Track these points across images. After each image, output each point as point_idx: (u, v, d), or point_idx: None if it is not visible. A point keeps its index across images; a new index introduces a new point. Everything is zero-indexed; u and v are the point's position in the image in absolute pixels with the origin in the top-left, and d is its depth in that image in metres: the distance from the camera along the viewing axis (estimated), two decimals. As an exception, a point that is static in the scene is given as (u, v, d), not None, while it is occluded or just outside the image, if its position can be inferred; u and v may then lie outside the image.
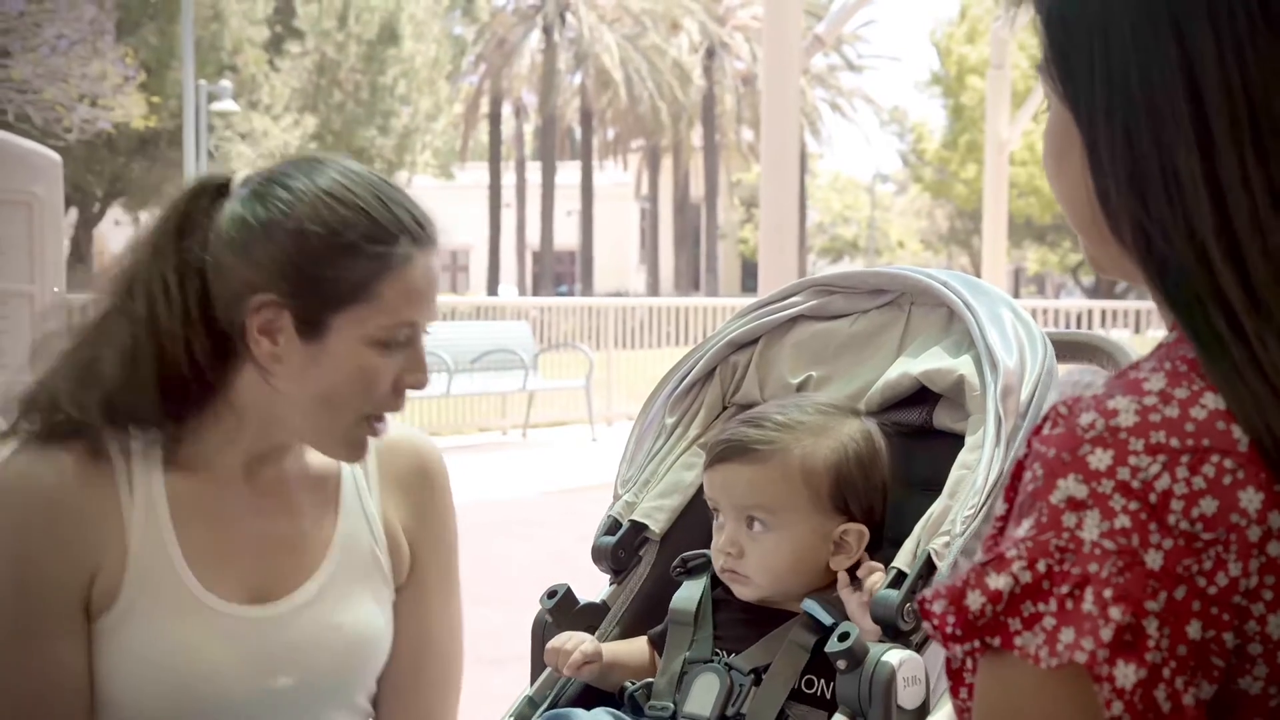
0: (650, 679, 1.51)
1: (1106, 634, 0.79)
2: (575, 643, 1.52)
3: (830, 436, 1.51)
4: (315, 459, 1.61)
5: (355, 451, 1.55)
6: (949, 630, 0.84)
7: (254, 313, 1.46)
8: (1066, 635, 0.80)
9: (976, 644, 0.83)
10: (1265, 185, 0.86)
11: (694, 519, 1.68)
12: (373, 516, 1.63)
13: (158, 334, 1.48)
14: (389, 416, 1.55)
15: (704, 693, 1.45)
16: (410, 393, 1.54)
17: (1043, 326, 1.57)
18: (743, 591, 1.51)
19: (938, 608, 0.85)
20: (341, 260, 1.46)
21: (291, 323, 1.46)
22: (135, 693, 1.49)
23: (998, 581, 0.82)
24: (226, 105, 23.14)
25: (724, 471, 1.52)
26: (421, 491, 1.68)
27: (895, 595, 1.40)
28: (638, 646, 1.58)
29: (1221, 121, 0.87)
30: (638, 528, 1.67)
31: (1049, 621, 0.81)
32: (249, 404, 1.51)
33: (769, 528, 1.49)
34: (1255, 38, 0.87)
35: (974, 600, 0.83)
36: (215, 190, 1.52)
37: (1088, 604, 0.80)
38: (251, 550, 1.55)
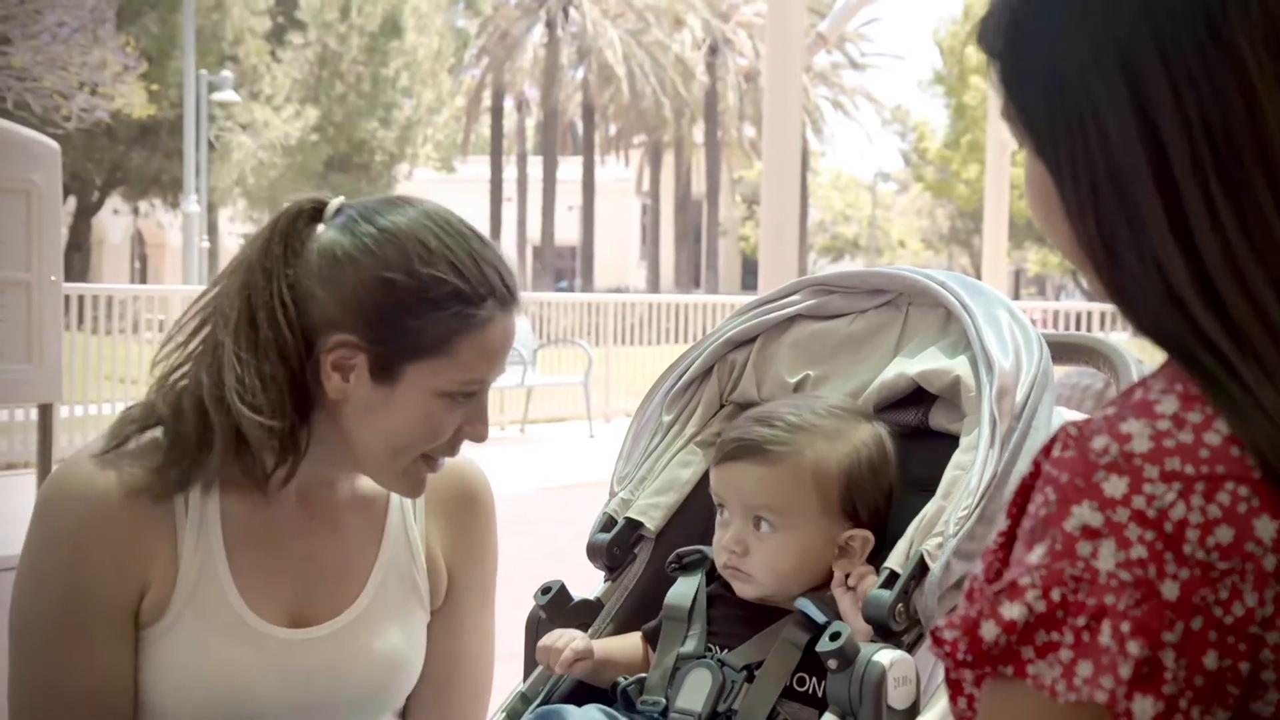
0: (643, 674, 1.51)
1: (1125, 671, 0.78)
2: (566, 640, 1.52)
3: (844, 441, 1.51)
4: (365, 484, 1.62)
5: (414, 488, 1.56)
6: (960, 656, 0.83)
7: (331, 349, 1.46)
8: (1084, 669, 0.79)
9: (985, 669, 0.83)
10: (1236, 221, 0.84)
11: (690, 517, 1.68)
12: (415, 542, 1.65)
13: (286, 357, 1.46)
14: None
15: (696, 689, 1.45)
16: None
17: (1042, 328, 1.57)
18: (744, 589, 1.51)
19: (949, 635, 0.84)
20: (426, 314, 1.45)
21: (366, 364, 1.47)
22: (175, 702, 1.51)
23: (1012, 611, 0.81)
24: (227, 95, 23.11)
25: (734, 470, 1.51)
26: (465, 516, 1.70)
27: (887, 595, 1.40)
28: (630, 642, 1.58)
29: (1182, 162, 0.85)
30: (633, 525, 1.67)
31: (1065, 654, 0.80)
32: (323, 434, 1.51)
33: (776, 529, 1.49)
34: (1207, 68, 0.85)
35: (989, 631, 0.82)
36: (310, 214, 1.51)
37: (1105, 637, 0.79)
38: (297, 573, 1.57)
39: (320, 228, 1.50)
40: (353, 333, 1.46)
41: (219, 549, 1.52)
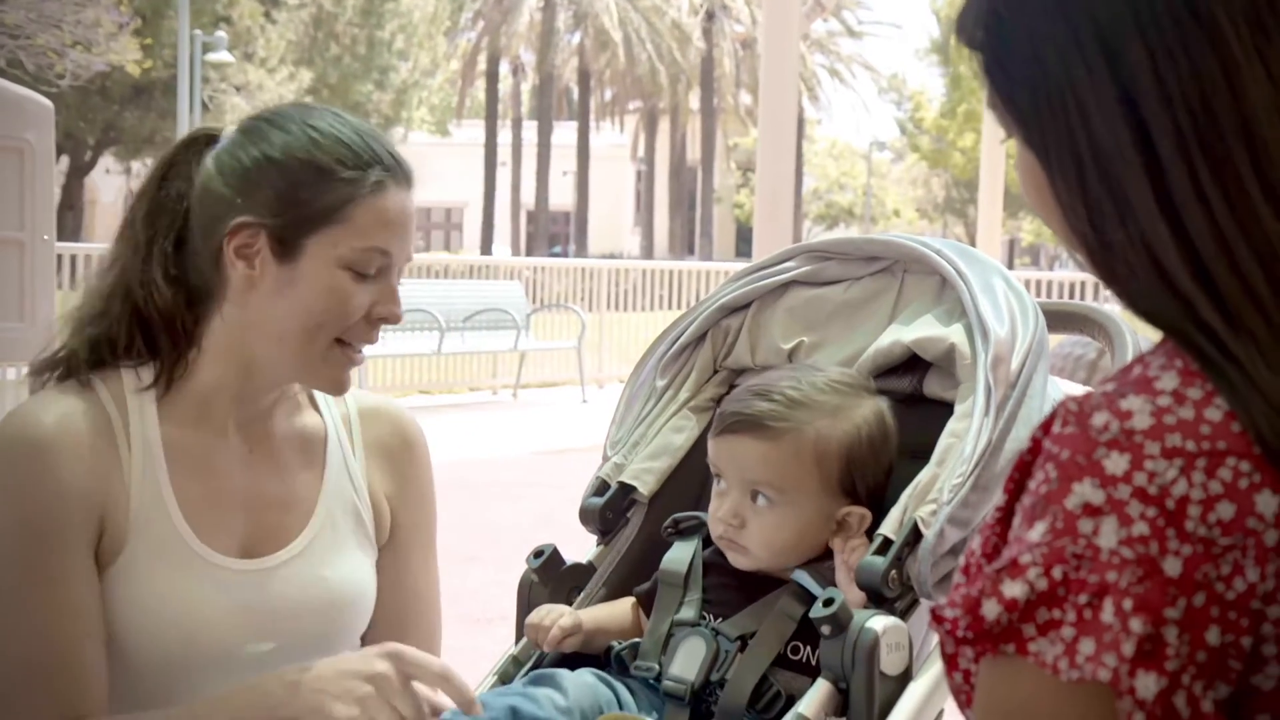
0: (637, 639, 1.51)
1: (1129, 648, 0.78)
2: (554, 617, 1.51)
3: (845, 418, 1.50)
4: (303, 420, 1.66)
5: (336, 378, 1.58)
6: (960, 634, 0.83)
7: (231, 235, 1.52)
8: (1086, 647, 0.79)
9: (986, 647, 0.82)
10: (1222, 199, 0.84)
11: (683, 482, 1.68)
12: (356, 476, 1.67)
13: (125, 273, 1.55)
14: (365, 356, 1.61)
15: (690, 657, 1.45)
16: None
17: (1036, 297, 1.57)
18: (739, 560, 1.50)
19: (950, 614, 0.84)
20: (318, 183, 1.52)
21: (268, 244, 1.52)
22: (137, 638, 1.51)
23: (1013, 589, 0.81)
24: (221, 56, 22.96)
25: (734, 443, 1.50)
26: (403, 458, 1.73)
27: (881, 562, 1.40)
28: (621, 609, 1.58)
29: (1166, 141, 0.85)
30: (626, 489, 1.67)
31: (1067, 632, 0.79)
32: (224, 346, 1.56)
33: (774, 504, 1.48)
34: (1187, 44, 0.85)
35: (990, 609, 0.81)
36: (206, 139, 1.59)
37: (1107, 615, 0.78)
38: (242, 505, 1.58)
39: (217, 146, 1.58)
40: (250, 214, 1.52)
41: (165, 480, 1.54)
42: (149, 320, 1.55)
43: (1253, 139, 0.84)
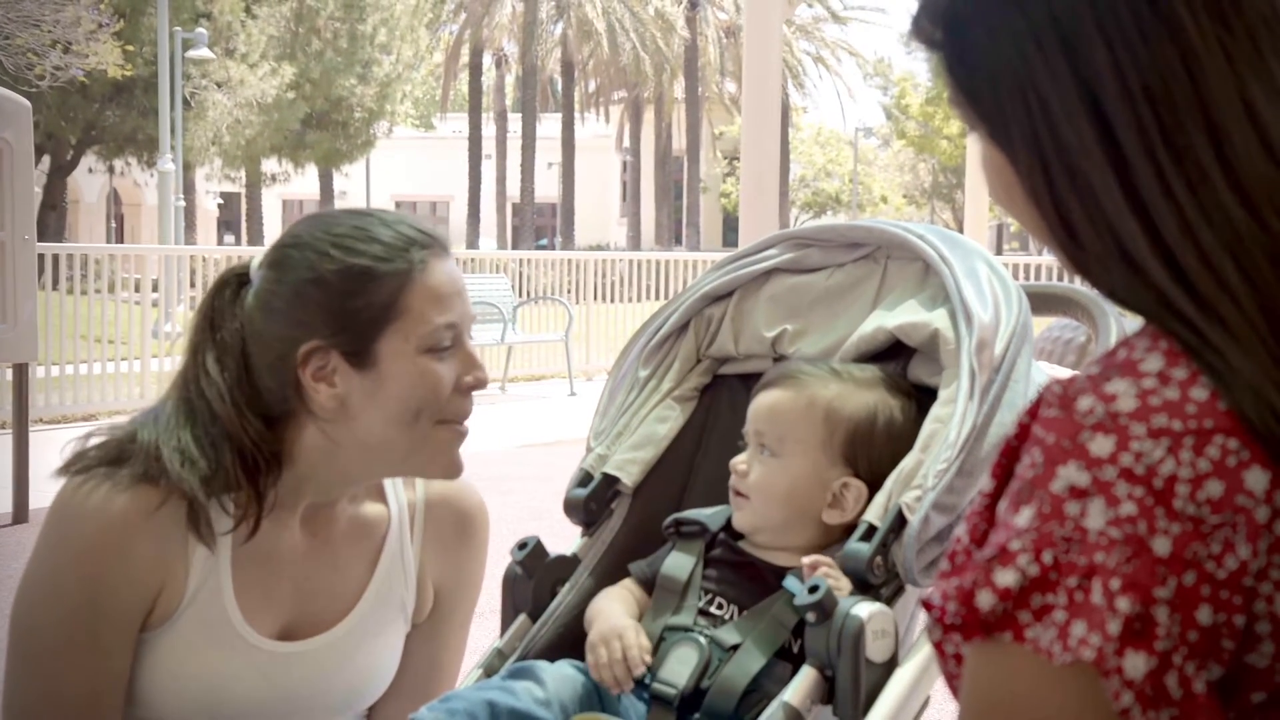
0: None
1: (1114, 627, 0.77)
2: (624, 644, 1.45)
3: (870, 394, 1.51)
4: (366, 511, 1.68)
5: (447, 461, 1.58)
6: (949, 621, 0.82)
7: (303, 364, 1.52)
8: (1078, 629, 0.78)
9: (981, 637, 0.81)
10: (1186, 189, 0.83)
11: (667, 472, 1.67)
12: (409, 564, 1.69)
13: (216, 418, 1.54)
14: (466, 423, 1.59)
15: (681, 662, 1.44)
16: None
17: (1024, 281, 1.56)
18: (740, 518, 1.51)
19: (938, 602, 0.83)
20: (364, 287, 1.51)
21: (341, 360, 1.52)
22: (165, 699, 1.56)
23: (1006, 578, 0.80)
24: (202, 53, 22.86)
25: (762, 397, 1.54)
26: (461, 550, 1.74)
27: (866, 549, 1.40)
28: (632, 605, 1.55)
29: (1129, 134, 0.84)
30: (610, 480, 1.66)
31: (1060, 615, 0.79)
32: (312, 460, 1.57)
33: (775, 455, 1.50)
34: (1144, 32, 0.84)
35: (985, 600, 0.81)
36: (237, 280, 1.59)
37: (1096, 595, 0.78)
38: (293, 592, 1.62)
39: (251, 284, 1.57)
40: (313, 337, 1.52)
41: (226, 566, 1.57)
42: (249, 457, 1.55)
43: (1215, 129, 0.83)
